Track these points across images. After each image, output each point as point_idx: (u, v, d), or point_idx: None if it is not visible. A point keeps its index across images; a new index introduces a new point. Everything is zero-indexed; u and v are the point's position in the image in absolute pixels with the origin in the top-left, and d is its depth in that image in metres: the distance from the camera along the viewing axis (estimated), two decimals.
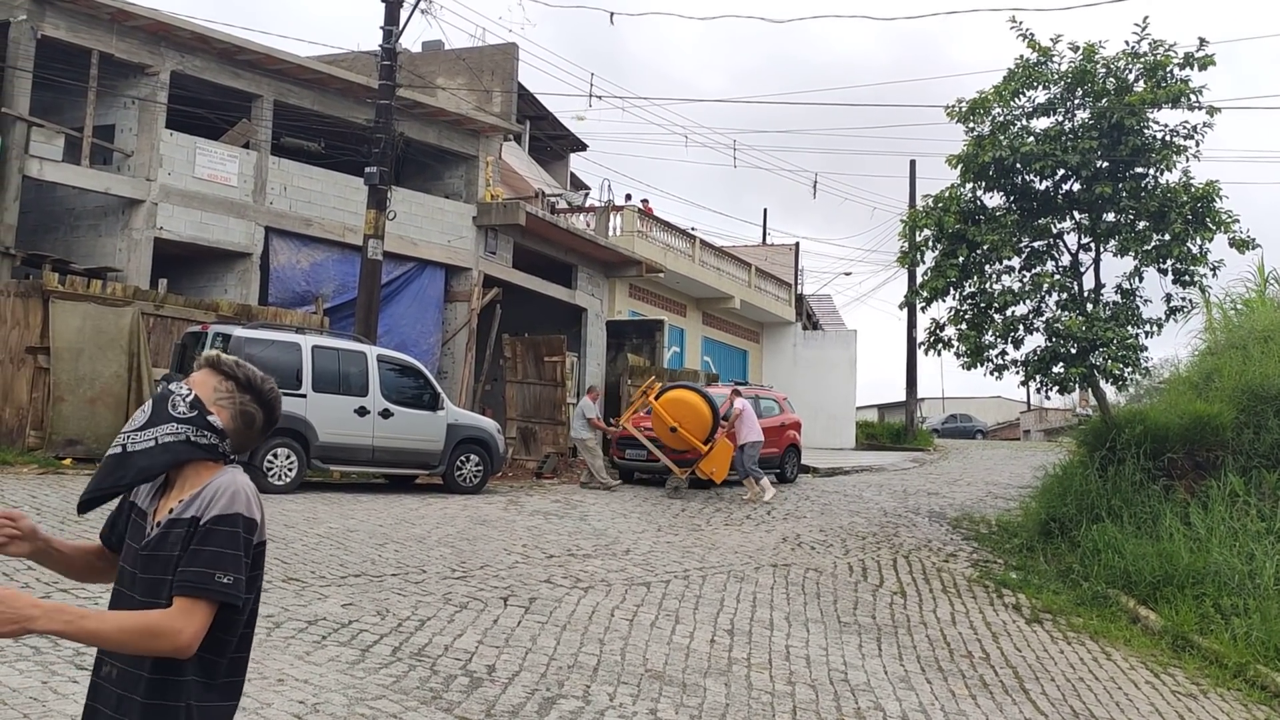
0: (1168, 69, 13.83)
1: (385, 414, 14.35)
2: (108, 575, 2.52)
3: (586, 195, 30.59)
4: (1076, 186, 14.42)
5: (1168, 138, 13.96)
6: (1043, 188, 14.69)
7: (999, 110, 14.67)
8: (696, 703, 6.61)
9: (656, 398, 16.82)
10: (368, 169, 16.68)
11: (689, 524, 13.48)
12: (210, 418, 2.41)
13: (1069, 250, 14.96)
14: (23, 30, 15.59)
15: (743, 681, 7.20)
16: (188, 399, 2.42)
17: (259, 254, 17.92)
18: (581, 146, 34.39)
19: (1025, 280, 14.65)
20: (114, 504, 2.54)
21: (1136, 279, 14.38)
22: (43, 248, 16.57)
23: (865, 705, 7.06)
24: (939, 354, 15.29)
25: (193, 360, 13.17)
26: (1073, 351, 13.90)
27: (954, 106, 14.88)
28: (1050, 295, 14.51)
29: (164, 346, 14.62)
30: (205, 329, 13.55)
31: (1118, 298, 14.46)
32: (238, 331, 13.40)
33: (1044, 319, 14.44)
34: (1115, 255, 14.36)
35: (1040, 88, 14.58)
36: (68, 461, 13.44)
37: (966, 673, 8.23)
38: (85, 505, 2.44)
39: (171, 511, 2.37)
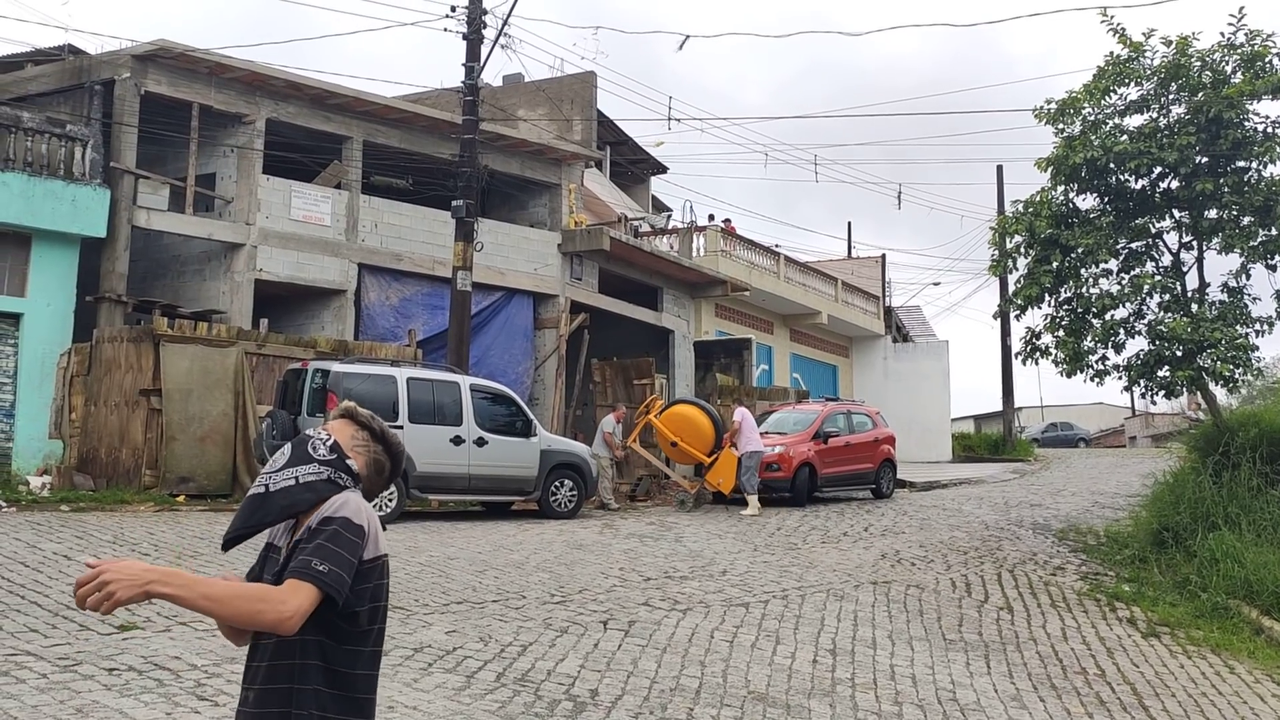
0: (1266, 59, 13.35)
1: (480, 442, 14.57)
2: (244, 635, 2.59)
3: (669, 217, 30.73)
4: (1175, 184, 13.99)
5: (1270, 129, 13.46)
6: (1139, 187, 14.28)
7: (1090, 109, 14.32)
8: None
9: (659, 413, 17.10)
10: (454, 202, 17.04)
11: (785, 543, 13.37)
12: (349, 462, 2.58)
13: (1169, 250, 14.49)
14: (127, 88, 16.37)
15: (848, 702, 7.09)
16: (328, 443, 2.59)
17: (353, 290, 18.43)
18: (662, 169, 34.59)
19: (1124, 283, 14.23)
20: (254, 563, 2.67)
21: (1244, 276, 13.87)
22: (152, 294, 17.31)
23: None
24: (1036, 363, 14.92)
25: (295, 396, 13.60)
26: (1178, 354, 13.44)
27: (1042, 108, 14.57)
28: (1151, 297, 14.07)
29: (267, 384, 15.10)
30: (305, 366, 13.97)
31: (1224, 296, 13.95)
32: (336, 367, 13.78)
33: (1146, 322, 14.00)
34: (1220, 253, 13.87)
35: (1132, 84, 14.19)
36: (181, 499, 13.96)
37: (1081, 690, 7.97)
38: (230, 543, 2.57)
39: (299, 536, 2.50)
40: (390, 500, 13.51)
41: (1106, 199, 14.44)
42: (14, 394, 15.08)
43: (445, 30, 17.72)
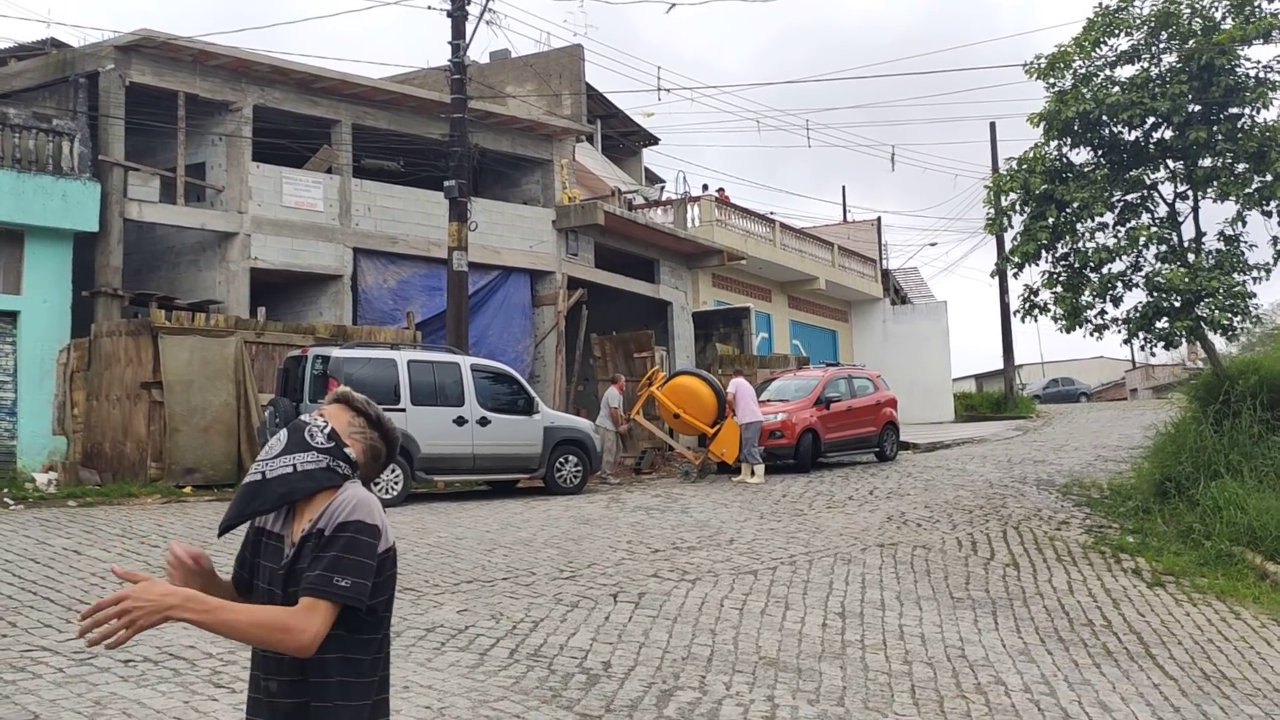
0: (1256, 3, 13.27)
1: (483, 422, 14.60)
2: None
3: (662, 189, 30.65)
4: (1168, 134, 13.94)
5: (1262, 74, 13.40)
6: (1132, 138, 14.24)
7: (1080, 62, 14.25)
8: (813, 687, 6.60)
9: (661, 385, 17.17)
10: (446, 183, 16.98)
11: (791, 509, 13.43)
12: (346, 449, 2.57)
13: (1165, 200, 14.47)
14: (111, 79, 16.26)
15: (858, 663, 7.16)
16: (325, 430, 2.57)
17: (349, 275, 18.39)
18: (653, 141, 34.44)
19: (1120, 235, 14.22)
20: (239, 549, 2.67)
21: (1239, 224, 13.87)
22: (148, 286, 17.28)
23: (985, 680, 6.96)
24: (1035, 320, 14.93)
25: (296, 384, 13.61)
26: (1176, 305, 13.44)
27: (1032, 63, 14.50)
28: (1148, 248, 14.06)
29: (267, 372, 15.12)
30: (305, 352, 13.98)
31: (1221, 245, 13.95)
32: (336, 352, 13.78)
33: (1143, 274, 14.00)
34: (1215, 201, 13.85)
35: (1122, 35, 14.12)
36: (187, 490, 14.01)
37: (1089, 641, 8.04)
38: (225, 529, 2.59)
39: (304, 530, 2.49)
40: (396, 483, 13.56)
41: (1100, 152, 14.40)
42: (15, 392, 15.08)
43: (429, 8, 17.59)
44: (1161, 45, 13.92)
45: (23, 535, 10.26)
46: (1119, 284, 14.09)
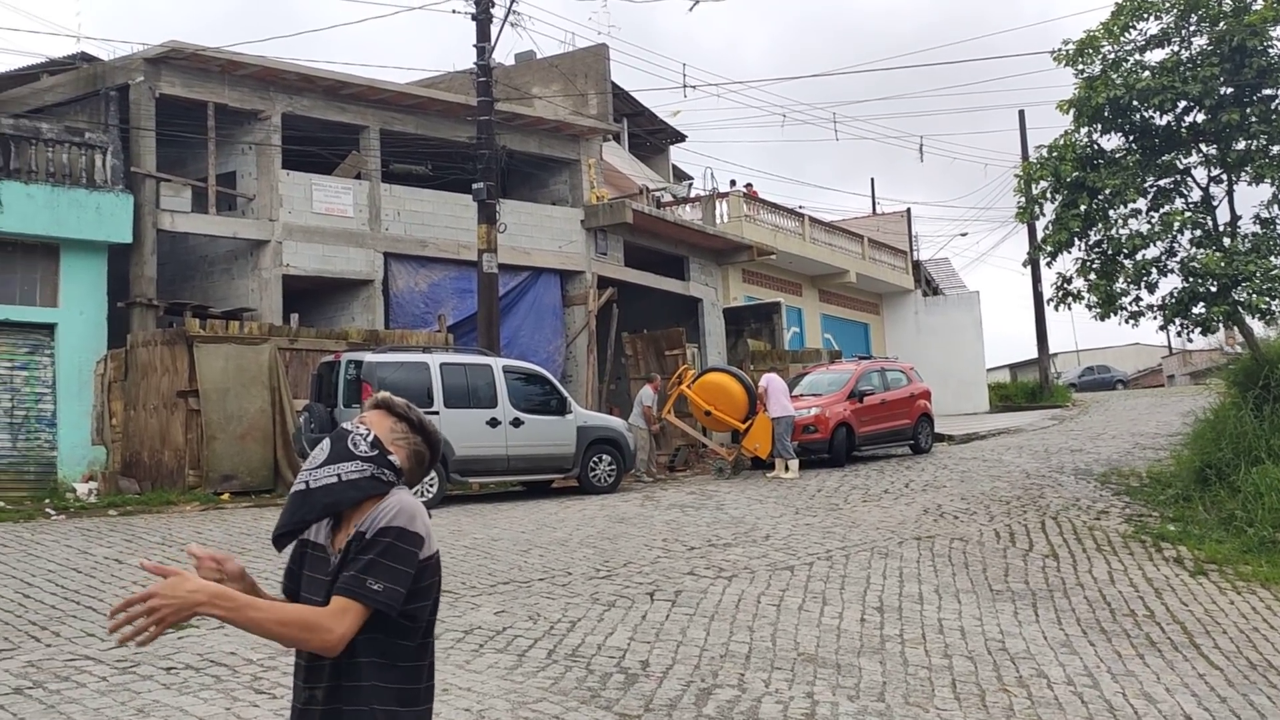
0: None
1: (516, 423, 14.65)
2: None
3: (690, 186, 30.59)
4: (1200, 117, 13.75)
5: None
6: (1164, 123, 14.05)
7: (1109, 47, 14.08)
8: (853, 683, 6.56)
9: (691, 383, 17.13)
10: (475, 185, 17.04)
11: (826, 504, 13.38)
12: (391, 457, 2.55)
13: (1198, 185, 14.27)
14: (142, 91, 16.47)
15: (898, 658, 7.11)
16: (368, 438, 2.56)
17: (380, 280, 18.51)
18: (681, 138, 34.40)
19: (1154, 221, 14.05)
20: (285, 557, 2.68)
21: (1275, 206, 13.64)
22: (182, 296, 17.48)
23: (1027, 673, 6.90)
24: (1069, 308, 14.79)
25: (330, 389, 13.72)
26: (1213, 290, 13.26)
27: (1061, 50, 14.35)
28: (1182, 234, 13.88)
29: (301, 378, 15.23)
30: (338, 358, 14.08)
31: (1257, 228, 13.74)
32: (369, 357, 13.88)
33: (1178, 259, 13.82)
34: (1250, 184, 13.65)
35: (1151, 18, 13.94)
36: (225, 496, 14.15)
37: (1131, 632, 7.95)
38: (279, 540, 2.59)
39: (349, 537, 2.49)
40: (431, 486, 13.62)
41: (1131, 138, 14.23)
42: (54, 403, 15.31)
43: (454, 12, 17.75)
44: (1192, 28, 13.73)
45: (64, 545, 10.42)
46: (1153, 270, 13.92)
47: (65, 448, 15.25)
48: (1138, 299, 14.18)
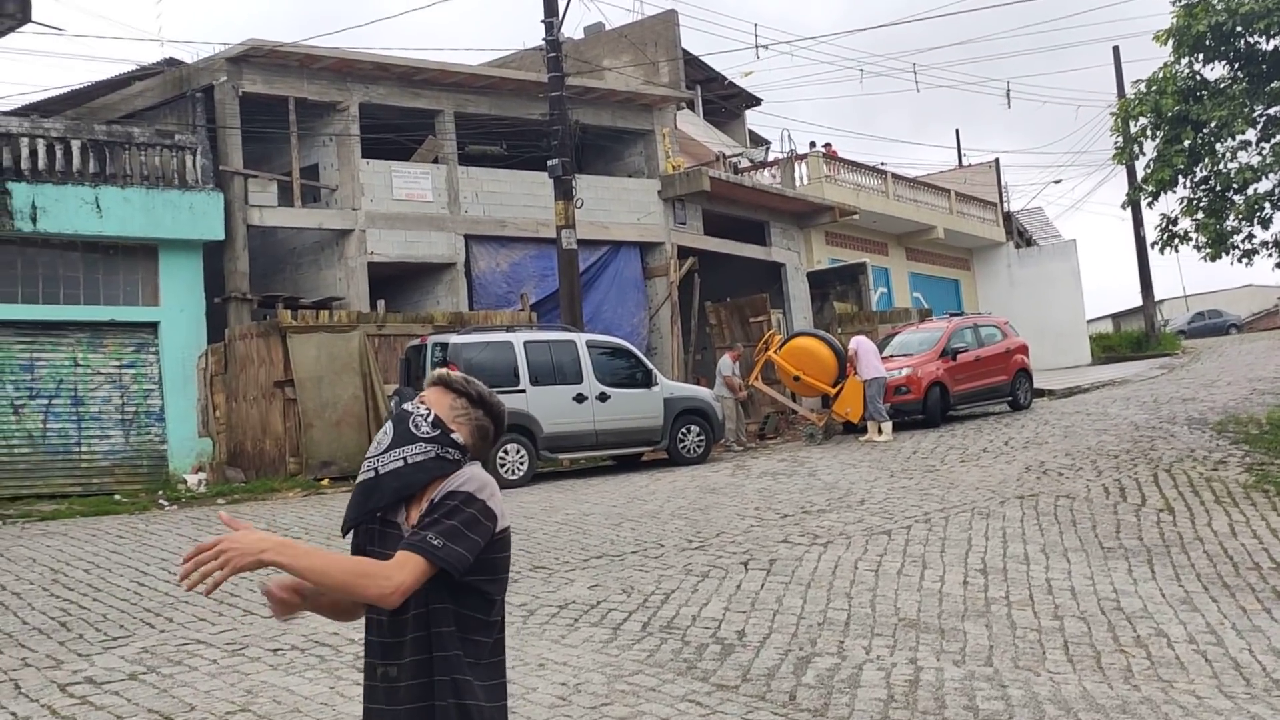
0: None
1: (602, 397, 14.63)
2: (355, 613, 2.64)
3: (767, 149, 30.11)
4: None
5: None
6: (1271, 48, 13.26)
7: None
8: (958, 647, 6.35)
9: (779, 349, 16.85)
10: (550, 162, 17.00)
11: (923, 465, 13.05)
12: (454, 435, 2.53)
13: None
14: (226, 91, 16.81)
15: (1004, 621, 6.86)
16: (429, 419, 2.54)
17: (462, 262, 18.65)
18: (756, 101, 33.87)
19: (1265, 153, 13.30)
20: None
21: None
22: (273, 288, 17.88)
23: (1145, 633, 6.59)
24: (1175, 250, 14.15)
25: (418, 372, 13.87)
26: None
27: None
28: None
29: (390, 363, 15.46)
30: (424, 341, 14.23)
31: None
32: (454, 339, 13.99)
33: None
34: None
35: None
36: (325, 482, 14.47)
37: (1256, 586, 7.54)
38: (347, 528, 2.59)
39: (421, 511, 2.47)
40: (522, 464, 13.71)
41: (1237, 66, 13.47)
42: (162, 398, 15.81)
43: None
44: None
45: (177, 534, 10.74)
46: (1267, 205, 13.22)
47: (174, 441, 15.75)
48: (1250, 236, 13.53)
